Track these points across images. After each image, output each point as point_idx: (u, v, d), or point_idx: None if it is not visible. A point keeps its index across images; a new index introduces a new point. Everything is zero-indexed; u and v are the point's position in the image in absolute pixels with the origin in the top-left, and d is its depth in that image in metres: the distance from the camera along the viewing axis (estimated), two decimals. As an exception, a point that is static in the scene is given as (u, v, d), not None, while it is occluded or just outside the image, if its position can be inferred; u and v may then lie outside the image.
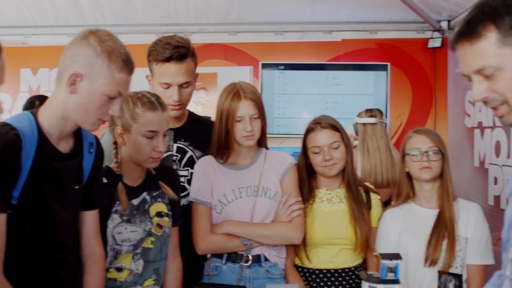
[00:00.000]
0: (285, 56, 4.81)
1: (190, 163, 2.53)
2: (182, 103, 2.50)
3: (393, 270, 2.05)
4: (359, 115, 3.96)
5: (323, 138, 2.45)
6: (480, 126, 3.92)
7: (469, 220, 2.39)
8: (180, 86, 2.45)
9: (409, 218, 2.46)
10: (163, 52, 2.41)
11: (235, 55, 4.81)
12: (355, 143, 3.98)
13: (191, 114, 2.65)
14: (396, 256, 2.01)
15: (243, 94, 2.33)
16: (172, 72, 2.42)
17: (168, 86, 2.45)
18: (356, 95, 4.77)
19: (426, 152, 2.40)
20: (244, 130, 2.34)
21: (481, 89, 1.33)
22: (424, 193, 2.47)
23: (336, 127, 2.47)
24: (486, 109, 3.70)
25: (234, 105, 2.32)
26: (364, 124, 3.90)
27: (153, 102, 2.09)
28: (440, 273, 2.34)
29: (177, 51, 2.40)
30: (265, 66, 4.76)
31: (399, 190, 2.59)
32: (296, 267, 2.54)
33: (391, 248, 2.45)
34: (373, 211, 2.54)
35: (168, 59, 2.40)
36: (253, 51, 4.82)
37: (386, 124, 4.10)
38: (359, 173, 3.90)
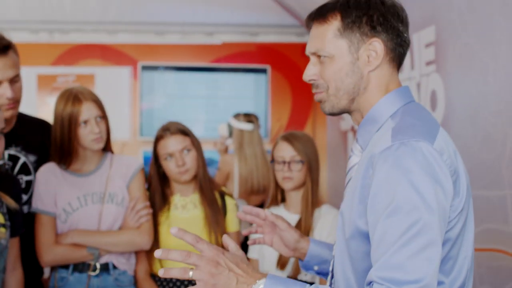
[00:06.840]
0: (165, 58, 4.77)
1: (24, 170, 2.36)
2: (16, 100, 2.26)
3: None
4: (236, 118, 3.97)
5: (174, 143, 2.41)
6: (353, 129, 4.02)
7: (325, 226, 2.43)
8: (11, 81, 2.20)
9: None
10: None
11: (114, 56, 4.69)
12: (228, 142, 4.00)
13: (20, 115, 2.39)
14: None
15: (83, 97, 2.24)
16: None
17: None
18: (237, 98, 4.79)
19: (289, 162, 2.40)
20: (92, 133, 2.24)
21: (313, 71, 1.37)
22: (290, 199, 2.49)
23: (185, 132, 2.45)
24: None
25: (76, 110, 2.23)
26: (241, 130, 3.91)
27: None
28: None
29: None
30: (145, 68, 4.69)
31: (271, 194, 2.60)
32: (152, 276, 2.49)
33: (257, 249, 2.45)
34: (229, 215, 2.53)
35: None
36: (133, 52, 4.73)
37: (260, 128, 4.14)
38: (236, 179, 3.92)
